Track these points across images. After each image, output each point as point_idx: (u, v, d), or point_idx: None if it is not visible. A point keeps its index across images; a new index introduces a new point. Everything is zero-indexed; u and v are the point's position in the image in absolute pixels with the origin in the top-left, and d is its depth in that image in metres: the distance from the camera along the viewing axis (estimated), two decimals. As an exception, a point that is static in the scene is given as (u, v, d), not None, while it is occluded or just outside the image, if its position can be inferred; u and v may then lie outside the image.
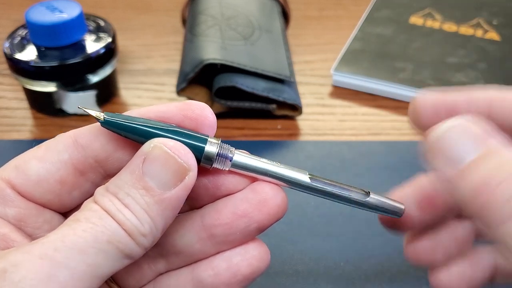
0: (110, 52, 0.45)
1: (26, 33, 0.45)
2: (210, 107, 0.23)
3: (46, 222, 0.23)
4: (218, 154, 0.22)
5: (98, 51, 0.44)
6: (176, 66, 0.53)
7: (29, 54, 0.43)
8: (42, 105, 0.46)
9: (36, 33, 0.43)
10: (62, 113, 0.46)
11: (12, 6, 0.63)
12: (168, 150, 0.21)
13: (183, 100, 0.45)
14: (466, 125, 0.20)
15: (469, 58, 0.52)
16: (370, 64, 0.51)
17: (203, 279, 0.24)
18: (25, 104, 0.48)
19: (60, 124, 0.46)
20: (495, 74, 0.50)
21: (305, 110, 0.47)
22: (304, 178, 0.23)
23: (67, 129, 0.23)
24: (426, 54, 0.53)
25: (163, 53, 0.56)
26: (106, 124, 0.21)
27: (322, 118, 0.48)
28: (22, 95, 0.48)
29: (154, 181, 0.20)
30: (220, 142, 0.22)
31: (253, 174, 0.23)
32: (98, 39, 0.45)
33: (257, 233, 0.24)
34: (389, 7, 0.60)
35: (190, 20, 0.52)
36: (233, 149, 0.23)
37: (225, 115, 0.46)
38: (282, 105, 0.46)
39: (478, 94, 0.23)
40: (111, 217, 0.20)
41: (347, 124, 0.47)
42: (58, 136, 0.23)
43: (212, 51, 0.46)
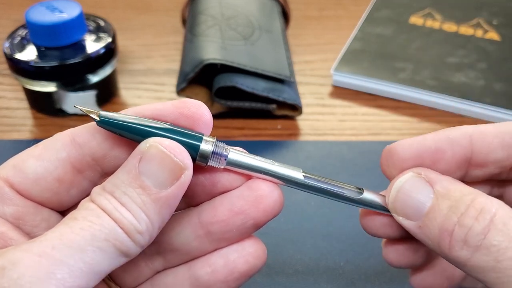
0: (110, 52, 0.45)
1: (26, 33, 0.45)
2: (210, 107, 0.23)
3: (44, 220, 0.23)
4: (213, 152, 0.22)
5: (98, 51, 0.44)
6: (176, 66, 0.53)
7: (29, 54, 0.43)
8: (42, 105, 0.46)
9: (36, 33, 0.43)
10: (62, 113, 0.46)
11: (12, 6, 0.63)
12: (164, 149, 0.21)
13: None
14: (415, 179, 0.22)
15: (469, 58, 0.52)
16: (370, 64, 0.51)
17: (200, 277, 0.24)
18: (25, 104, 0.48)
19: (60, 124, 0.46)
20: (495, 74, 0.50)
21: (305, 110, 0.47)
22: (298, 175, 0.23)
23: (67, 129, 0.23)
24: (426, 54, 0.53)
25: (163, 53, 0.56)
26: (102, 123, 0.22)
27: (322, 118, 0.48)
28: (22, 95, 0.48)
29: (150, 180, 0.20)
30: (215, 140, 0.23)
31: (248, 172, 0.23)
32: (98, 39, 0.45)
33: (253, 230, 0.24)
34: (389, 7, 0.60)
35: (190, 20, 0.52)
36: (228, 147, 0.23)
37: (225, 115, 0.46)
38: (282, 105, 0.46)
39: (456, 132, 0.23)
40: (108, 215, 0.20)
41: (347, 124, 0.47)
42: (55, 135, 0.23)
43: (212, 51, 0.46)
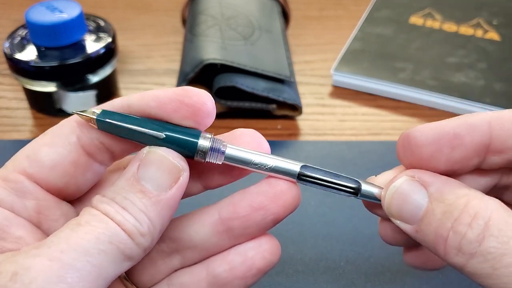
0: (110, 52, 0.45)
1: (26, 33, 0.45)
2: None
3: (63, 215, 0.23)
4: (211, 148, 0.22)
5: (98, 51, 0.44)
6: (176, 66, 0.53)
7: (29, 54, 0.43)
8: (42, 105, 0.46)
9: (36, 33, 0.43)
10: (62, 113, 0.46)
11: (12, 6, 0.63)
12: (162, 153, 0.21)
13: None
14: (409, 182, 0.22)
15: (469, 58, 0.52)
16: (370, 64, 0.51)
17: (218, 274, 0.24)
18: (25, 104, 0.48)
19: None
20: (495, 74, 0.50)
21: (305, 110, 0.47)
22: (295, 168, 0.24)
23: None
24: (426, 54, 0.53)
25: (163, 53, 0.56)
26: (101, 129, 0.22)
27: (322, 118, 0.48)
28: (22, 95, 0.48)
29: (150, 184, 0.21)
30: (212, 136, 0.23)
31: (246, 167, 0.23)
32: (98, 39, 0.45)
33: (273, 225, 0.24)
34: (389, 7, 0.60)
35: (190, 20, 0.52)
36: (225, 142, 0.23)
37: (225, 115, 0.46)
38: (282, 105, 0.46)
39: (475, 118, 0.22)
40: (111, 219, 0.20)
41: (347, 124, 0.47)
42: (62, 121, 0.23)
43: (212, 51, 0.46)
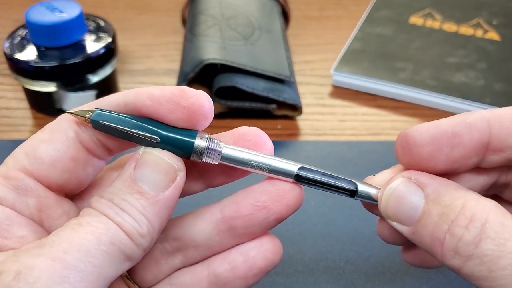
0: (110, 52, 0.45)
1: (26, 33, 0.45)
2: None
3: (65, 213, 0.23)
4: (207, 149, 0.22)
5: (98, 51, 0.44)
6: (176, 66, 0.53)
7: (29, 54, 0.43)
8: (42, 105, 0.46)
9: (36, 33, 0.43)
10: (62, 113, 0.46)
11: (12, 6, 0.63)
12: (158, 154, 0.21)
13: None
14: (406, 183, 0.22)
15: (469, 58, 0.52)
16: (370, 64, 0.51)
17: (220, 274, 0.24)
18: (25, 104, 0.48)
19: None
20: (495, 74, 0.50)
21: (305, 110, 0.47)
22: (293, 169, 0.23)
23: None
24: (426, 54, 0.53)
25: (163, 53, 0.56)
26: (96, 128, 0.22)
27: (322, 118, 0.48)
28: (22, 95, 0.48)
29: (147, 185, 0.21)
30: (209, 136, 0.23)
31: (243, 167, 0.23)
32: (98, 39, 0.45)
33: (275, 224, 0.24)
34: (389, 7, 0.60)
35: (190, 20, 0.52)
36: (222, 142, 0.23)
37: (225, 115, 0.46)
38: (282, 105, 0.46)
39: (474, 116, 0.22)
40: (111, 220, 0.20)
41: (347, 124, 0.47)
42: (59, 116, 0.23)
43: (212, 51, 0.46)
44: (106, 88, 0.47)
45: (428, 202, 0.21)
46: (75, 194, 0.25)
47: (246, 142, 0.24)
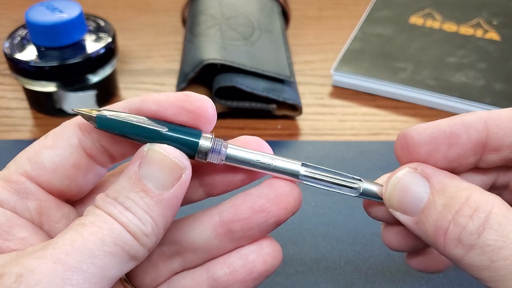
0: (110, 52, 0.45)
1: (26, 33, 0.45)
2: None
3: (65, 217, 0.23)
4: (212, 149, 0.22)
5: (98, 51, 0.44)
6: (176, 66, 0.53)
7: (29, 54, 0.43)
8: (42, 105, 0.46)
9: (36, 33, 0.43)
10: (62, 113, 0.46)
11: (12, 6, 0.63)
12: (162, 151, 0.21)
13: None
14: (412, 174, 0.22)
15: (469, 58, 0.52)
16: (370, 64, 0.51)
17: (219, 277, 0.24)
18: (25, 104, 0.48)
19: (60, 124, 0.46)
20: (495, 74, 0.50)
21: (305, 110, 0.47)
22: (297, 168, 0.23)
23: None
24: (426, 54, 0.53)
25: (163, 53, 0.56)
26: (100, 128, 0.22)
27: (322, 118, 0.48)
28: (22, 95, 0.48)
29: (152, 183, 0.21)
30: (213, 136, 0.23)
31: (247, 167, 0.23)
32: (98, 39, 0.45)
33: (274, 227, 0.24)
34: (389, 7, 0.60)
35: (190, 20, 0.52)
36: (226, 143, 0.23)
37: (225, 115, 0.46)
38: (282, 105, 0.46)
39: (471, 116, 0.23)
40: (115, 220, 0.20)
41: (347, 124, 0.47)
42: (63, 123, 0.23)
43: (212, 51, 0.46)
44: (106, 88, 0.47)
45: (433, 192, 0.21)
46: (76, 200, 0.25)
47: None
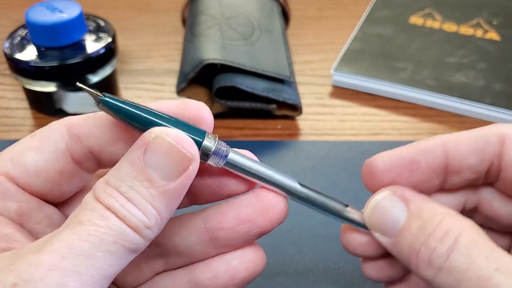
0: (110, 52, 0.45)
1: (26, 33, 0.45)
2: (210, 107, 0.23)
3: (47, 217, 0.23)
4: (215, 150, 0.22)
5: (98, 51, 0.44)
6: (176, 66, 0.53)
7: (29, 54, 0.43)
8: (42, 105, 0.46)
9: (36, 33, 0.43)
10: (62, 113, 0.46)
11: (12, 6, 0.63)
12: (171, 140, 0.20)
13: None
14: (391, 197, 0.23)
15: (469, 58, 0.52)
16: (370, 64, 0.51)
17: (201, 281, 0.24)
18: (25, 104, 0.48)
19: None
20: (495, 74, 0.50)
21: (305, 110, 0.47)
22: (293, 184, 0.24)
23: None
24: (426, 54, 0.53)
25: (163, 53, 0.56)
26: (105, 104, 0.21)
27: (322, 118, 0.48)
28: (22, 95, 0.48)
29: (157, 172, 0.20)
30: (217, 138, 0.22)
31: (244, 175, 0.23)
32: (98, 39, 0.45)
33: (258, 237, 0.24)
34: (389, 7, 0.60)
35: (190, 20, 0.52)
36: (228, 147, 0.23)
37: (225, 115, 0.46)
38: (282, 105, 0.46)
39: (430, 142, 0.24)
40: (115, 214, 0.19)
41: (347, 124, 0.47)
42: (51, 124, 0.22)
43: (212, 51, 0.46)
44: (106, 88, 0.47)
45: (410, 216, 0.22)
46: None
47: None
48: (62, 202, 0.24)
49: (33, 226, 0.22)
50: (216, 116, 0.46)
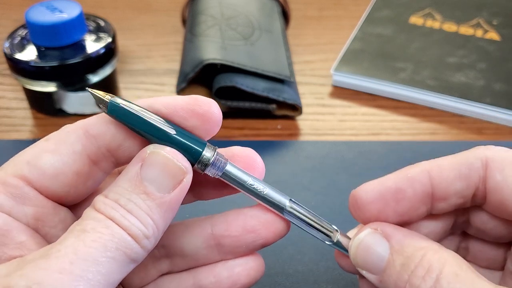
0: (110, 52, 0.45)
1: (26, 33, 0.45)
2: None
3: (61, 221, 0.23)
4: (213, 161, 0.23)
5: (98, 51, 0.44)
6: (176, 66, 0.53)
7: (29, 54, 0.43)
8: (42, 105, 0.46)
9: (36, 33, 0.43)
10: (62, 113, 0.46)
11: (12, 6, 0.63)
12: (166, 154, 0.21)
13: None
14: (372, 234, 0.23)
15: (469, 58, 0.52)
16: (370, 64, 0.51)
17: (204, 285, 0.25)
18: (25, 104, 0.48)
19: (60, 124, 0.45)
20: (495, 74, 0.50)
21: (305, 110, 0.47)
22: (284, 202, 0.24)
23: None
24: (426, 54, 0.53)
25: (163, 53, 0.56)
26: (110, 113, 0.22)
27: (322, 118, 0.48)
28: (22, 95, 0.48)
29: (153, 185, 0.21)
30: (216, 150, 0.23)
31: (238, 187, 0.24)
32: (98, 39, 0.45)
33: (260, 248, 0.25)
34: (389, 7, 0.60)
35: (190, 20, 0.52)
36: (227, 159, 0.23)
37: (225, 115, 0.46)
38: (282, 105, 0.46)
39: (415, 170, 0.24)
40: (117, 224, 0.20)
41: (347, 124, 0.47)
42: (65, 127, 0.23)
43: (212, 51, 0.46)
44: (106, 88, 0.47)
45: (392, 252, 0.23)
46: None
47: (238, 163, 0.24)
48: (75, 205, 0.24)
49: (48, 231, 0.22)
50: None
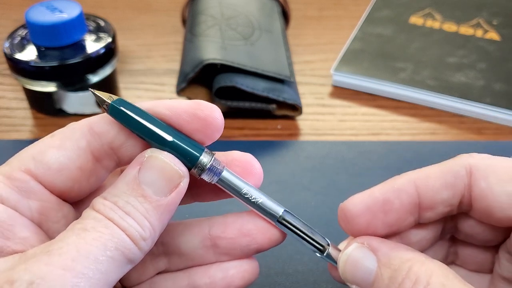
0: (110, 52, 0.45)
1: (26, 33, 0.45)
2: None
3: (64, 217, 0.23)
4: (210, 167, 0.23)
5: (98, 51, 0.44)
6: (176, 66, 0.53)
7: (29, 54, 0.43)
8: (42, 105, 0.46)
9: (36, 33, 0.43)
10: (62, 113, 0.46)
11: (12, 6, 0.63)
12: (164, 159, 0.22)
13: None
14: (359, 249, 0.24)
15: (469, 58, 0.52)
16: (370, 64, 0.51)
17: (199, 286, 0.26)
18: (25, 104, 0.48)
19: (60, 124, 0.46)
20: (495, 74, 0.50)
21: (305, 110, 0.47)
22: (279, 211, 0.24)
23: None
24: (426, 54, 0.53)
25: (163, 53, 0.56)
26: (111, 114, 0.22)
27: (322, 118, 0.48)
28: (22, 95, 0.48)
29: (151, 188, 0.21)
30: (214, 155, 0.23)
31: (233, 194, 0.24)
32: (98, 39, 0.45)
33: (255, 253, 0.25)
34: (389, 7, 0.60)
35: (190, 20, 0.52)
36: (224, 166, 0.24)
37: (225, 115, 0.46)
38: (282, 105, 0.46)
39: (401, 180, 0.24)
40: (116, 225, 0.20)
41: (347, 124, 0.47)
42: (70, 124, 0.23)
43: (212, 51, 0.46)
44: (106, 88, 0.47)
45: (380, 266, 0.23)
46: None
47: (236, 168, 0.24)
48: (77, 203, 0.25)
49: (51, 225, 0.23)
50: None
